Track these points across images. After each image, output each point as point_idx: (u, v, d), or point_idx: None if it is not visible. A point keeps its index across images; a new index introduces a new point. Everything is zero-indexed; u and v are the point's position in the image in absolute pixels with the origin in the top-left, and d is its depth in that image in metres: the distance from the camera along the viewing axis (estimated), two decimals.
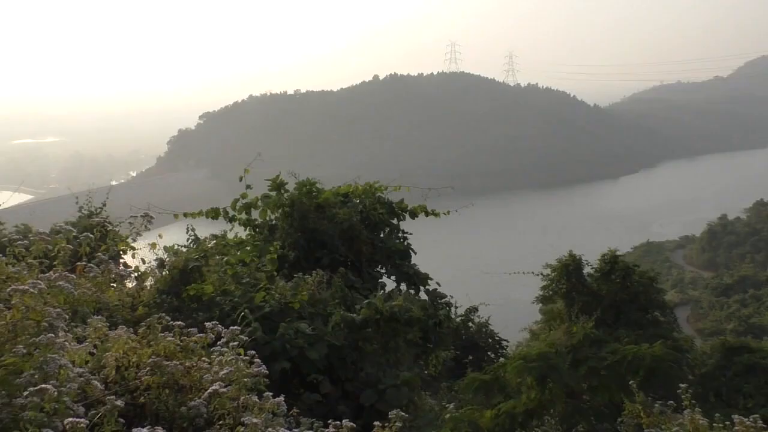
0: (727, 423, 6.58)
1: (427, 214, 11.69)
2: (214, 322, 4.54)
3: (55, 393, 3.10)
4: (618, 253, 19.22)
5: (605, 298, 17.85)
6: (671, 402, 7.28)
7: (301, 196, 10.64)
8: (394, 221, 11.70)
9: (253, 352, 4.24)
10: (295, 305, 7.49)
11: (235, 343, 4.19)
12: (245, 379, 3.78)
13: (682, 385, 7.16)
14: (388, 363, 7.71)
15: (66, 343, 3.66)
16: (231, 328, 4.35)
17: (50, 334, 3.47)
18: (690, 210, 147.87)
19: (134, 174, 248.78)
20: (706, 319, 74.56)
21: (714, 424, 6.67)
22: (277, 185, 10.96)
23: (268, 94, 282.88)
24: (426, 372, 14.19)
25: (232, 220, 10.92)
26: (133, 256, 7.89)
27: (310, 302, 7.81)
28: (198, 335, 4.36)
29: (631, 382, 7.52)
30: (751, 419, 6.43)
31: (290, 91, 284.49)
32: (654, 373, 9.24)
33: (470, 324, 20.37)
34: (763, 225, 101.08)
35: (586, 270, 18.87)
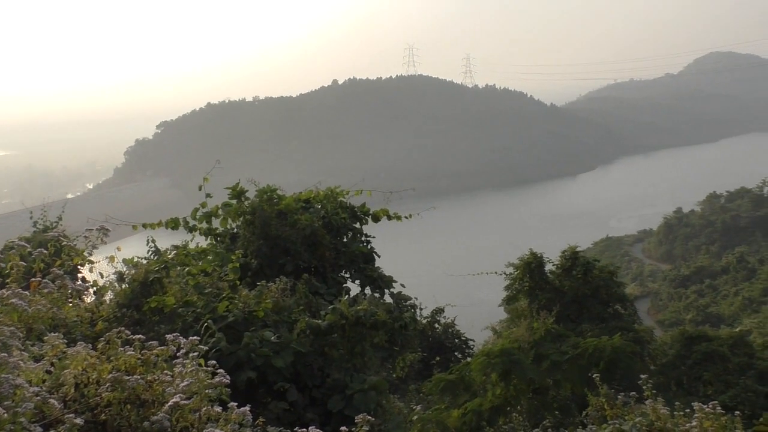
0: (688, 411, 6.76)
1: (389, 217, 11.71)
2: (175, 334, 4.47)
3: (5, 415, 3.02)
4: (578, 249, 19.59)
5: (567, 294, 18.17)
6: (633, 393, 7.44)
7: (262, 203, 10.57)
8: (357, 225, 11.71)
9: (214, 362, 4.20)
10: (259, 313, 7.43)
11: (195, 353, 4.14)
12: (207, 390, 3.73)
13: (643, 376, 7.34)
14: (355, 368, 7.70)
15: (21, 362, 3.56)
16: (190, 338, 4.30)
17: (3, 354, 3.38)
18: (647, 204, 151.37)
19: (91, 186, 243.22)
20: (665, 310, 76.28)
21: (675, 413, 6.84)
22: (237, 193, 10.87)
23: (227, 101, 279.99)
24: (393, 375, 14.26)
25: (192, 229, 10.78)
26: (91, 270, 7.71)
27: (275, 310, 7.76)
28: (159, 348, 4.29)
29: (594, 375, 7.66)
30: (710, 406, 6.63)
31: (249, 98, 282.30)
32: (615, 365, 9.43)
33: (436, 325, 20.50)
34: (717, 216, 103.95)
35: (548, 267, 19.18)
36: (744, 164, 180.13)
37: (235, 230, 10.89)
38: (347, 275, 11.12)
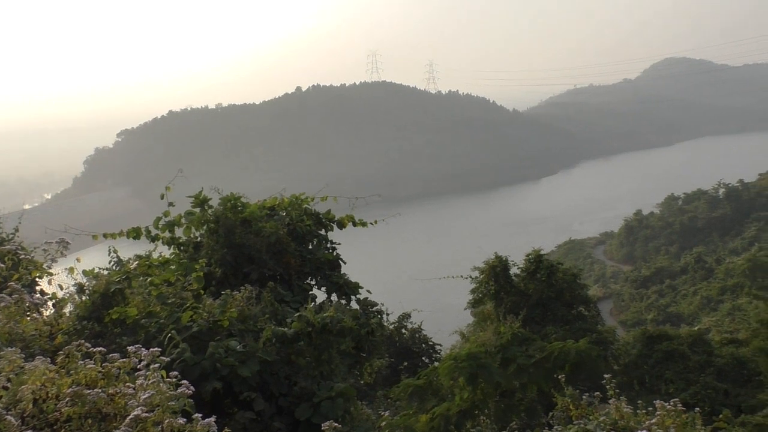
0: (650, 409, 6.90)
1: (355, 224, 11.70)
2: (137, 346, 4.39)
3: None
4: (542, 252, 19.86)
5: (532, 297, 18.40)
6: (597, 393, 7.57)
7: (225, 211, 10.46)
8: (322, 232, 11.67)
9: (176, 372, 4.13)
10: (224, 323, 7.35)
11: (157, 365, 4.06)
12: (171, 402, 3.67)
13: (606, 376, 7.47)
14: (322, 375, 7.66)
15: None
16: (151, 349, 4.22)
17: None
18: (608, 207, 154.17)
19: (49, 196, 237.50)
20: (627, 310, 77.64)
21: (638, 411, 6.98)
22: (201, 201, 10.74)
23: (189, 108, 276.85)
24: (361, 381, 14.22)
25: (155, 239, 10.59)
26: (50, 283, 7.54)
27: (240, 319, 7.68)
28: (121, 360, 4.20)
29: (559, 377, 7.76)
30: (671, 403, 6.78)
31: (211, 105, 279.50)
32: (579, 367, 9.57)
33: (403, 330, 20.54)
34: (675, 218, 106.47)
35: (514, 270, 19.40)
36: (699, 167, 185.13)
37: (199, 239, 10.75)
38: (313, 282, 11.06)
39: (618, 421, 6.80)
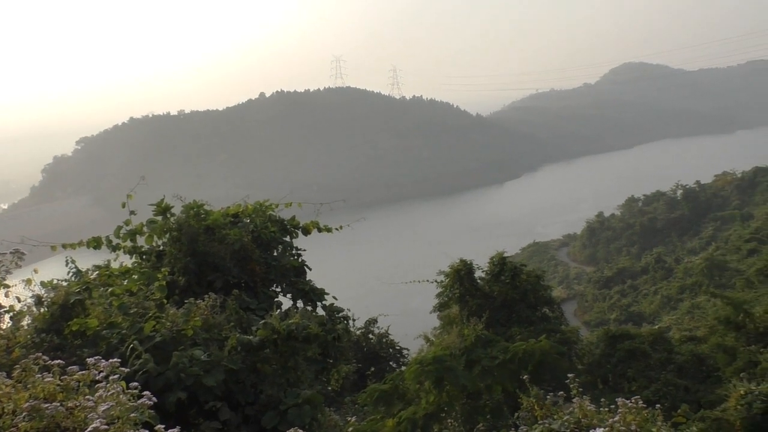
0: (612, 406, 7.04)
1: (320, 229, 11.67)
2: (97, 357, 4.32)
3: None
4: (506, 254, 20.06)
5: (497, 299, 18.58)
6: (561, 392, 7.68)
7: (188, 219, 10.32)
8: (287, 239, 11.60)
9: (136, 383, 4.07)
10: (188, 332, 7.25)
11: (116, 376, 4.00)
12: (132, 414, 3.61)
13: (570, 375, 7.60)
14: (289, 382, 7.62)
15: None
16: (110, 361, 4.16)
17: None
18: (570, 210, 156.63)
19: (5, 206, 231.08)
20: (591, 311, 78.88)
21: (601, 409, 7.12)
22: (163, 209, 10.58)
23: (150, 115, 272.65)
24: (329, 388, 14.17)
25: (116, 248, 10.40)
26: (7, 295, 7.36)
27: (204, 327, 7.59)
28: (80, 373, 4.12)
29: (524, 377, 7.86)
30: (632, 401, 6.93)
31: (173, 112, 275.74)
32: (543, 367, 9.70)
33: (370, 336, 20.55)
34: (635, 219, 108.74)
35: (478, 274, 19.56)
36: (658, 169, 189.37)
37: (161, 248, 10.59)
38: (278, 289, 10.99)
39: (582, 420, 6.92)
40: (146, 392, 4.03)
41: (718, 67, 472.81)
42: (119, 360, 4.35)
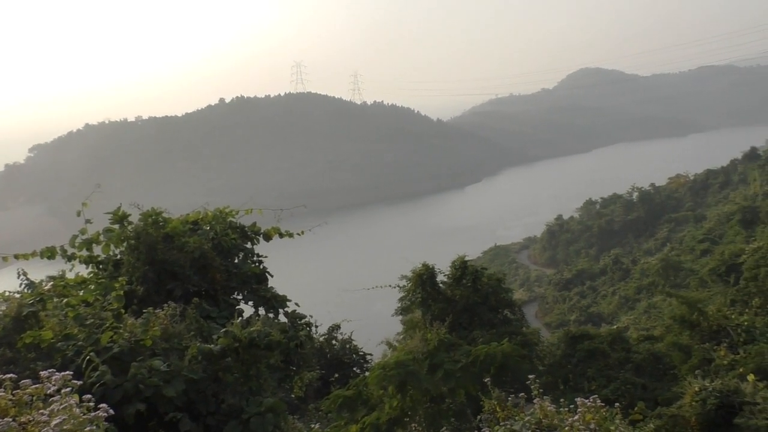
0: (572, 406, 7.17)
1: (281, 235, 11.59)
2: (51, 370, 4.21)
3: None
4: (467, 258, 20.23)
5: (459, 302, 18.71)
6: (522, 394, 7.78)
7: (146, 227, 10.16)
8: (248, 245, 11.51)
9: (89, 396, 3.98)
10: (147, 342, 7.13)
11: (68, 389, 3.91)
12: (88, 428, 3.54)
13: (531, 377, 7.71)
14: (251, 391, 7.55)
15: None
16: (62, 373, 4.06)
17: None
18: (531, 213, 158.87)
19: None
20: (552, 312, 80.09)
21: (561, 409, 7.23)
22: (120, 218, 10.39)
23: (107, 121, 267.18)
24: (292, 395, 14.07)
25: (71, 258, 10.15)
26: None
27: (164, 337, 7.47)
28: (34, 386, 4.02)
29: (486, 380, 7.93)
30: (591, 400, 7.07)
31: (131, 118, 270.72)
32: (505, 369, 9.81)
33: (334, 342, 20.49)
34: (593, 222, 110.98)
35: (440, 278, 19.68)
36: (614, 172, 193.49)
37: (119, 257, 10.39)
38: (240, 297, 10.89)
39: (542, 420, 7.02)
40: (102, 404, 3.96)
41: (671, 73, 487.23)
42: (71, 373, 4.25)
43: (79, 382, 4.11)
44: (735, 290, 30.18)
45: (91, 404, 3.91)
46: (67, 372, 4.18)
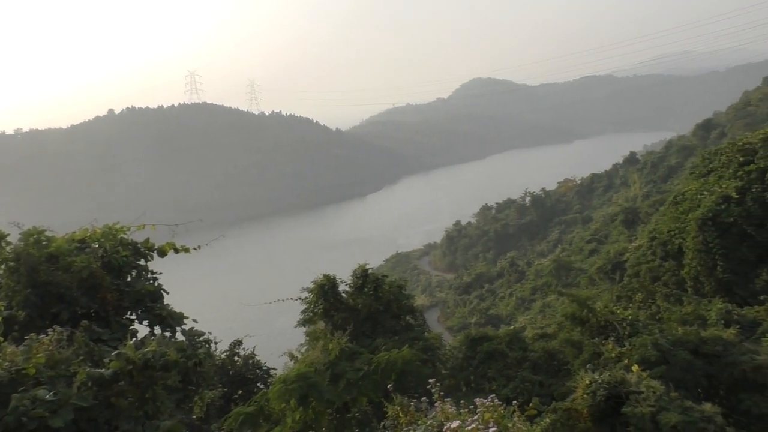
0: (472, 407, 7.39)
1: (176, 250, 11.25)
2: None
3: None
4: (369, 266, 20.36)
5: (362, 311, 18.79)
6: (424, 398, 7.93)
7: (27, 247, 9.57)
8: (142, 262, 11.08)
9: None
10: (29, 371, 6.71)
11: None
12: None
13: (431, 381, 7.87)
14: (147, 415, 7.26)
15: None
16: None
17: None
18: (430, 219, 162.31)
19: None
20: (453, 316, 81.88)
21: (461, 411, 7.44)
22: None
23: None
24: (192, 416, 13.63)
25: None
26: None
27: (49, 364, 7.06)
28: None
29: (388, 387, 8.03)
30: (489, 399, 7.32)
31: (9, 131, 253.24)
32: (406, 375, 9.96)
33: (236, 358, 20.01)
34: (490, 226, 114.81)
35: (342, 287, 19.68)
36: (508, 177, 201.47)
37: None
38: (133, 317, 10.46)
39: (444, 422, 7.19)
40: None
41: (557, 82, 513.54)
42: None
43: None
44: (620, 287, 32.09)
45: None
46: None
